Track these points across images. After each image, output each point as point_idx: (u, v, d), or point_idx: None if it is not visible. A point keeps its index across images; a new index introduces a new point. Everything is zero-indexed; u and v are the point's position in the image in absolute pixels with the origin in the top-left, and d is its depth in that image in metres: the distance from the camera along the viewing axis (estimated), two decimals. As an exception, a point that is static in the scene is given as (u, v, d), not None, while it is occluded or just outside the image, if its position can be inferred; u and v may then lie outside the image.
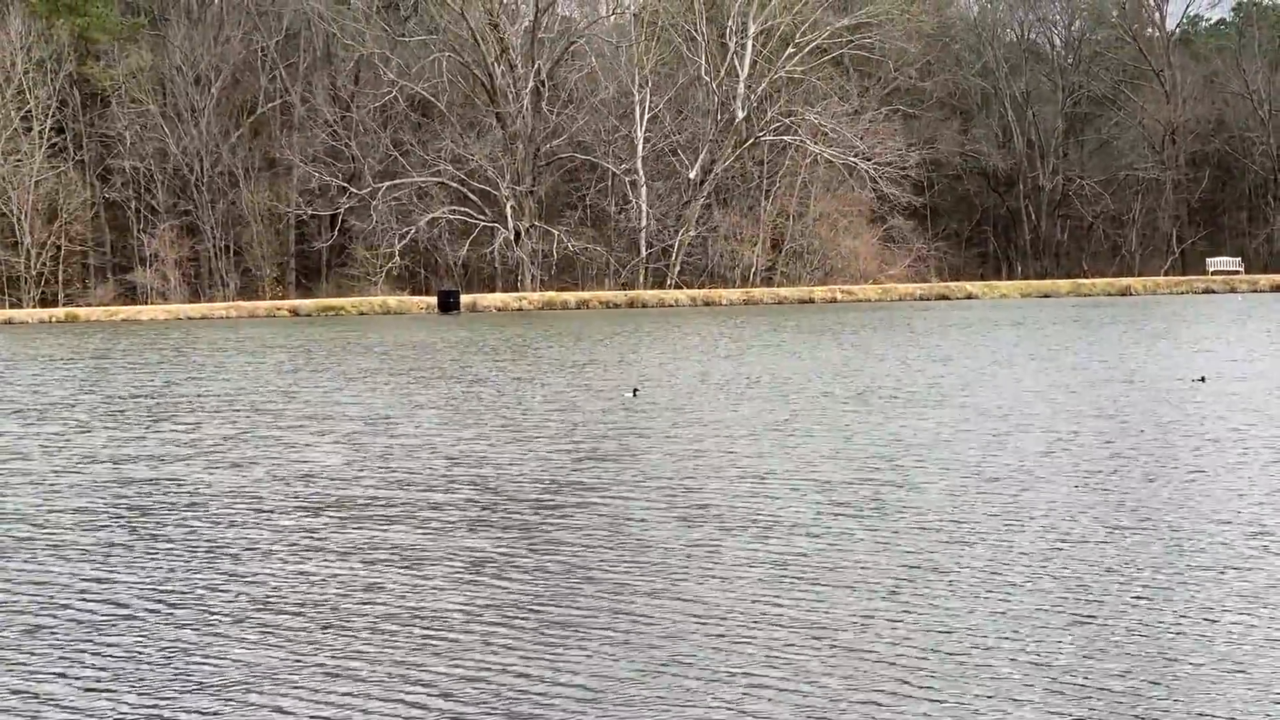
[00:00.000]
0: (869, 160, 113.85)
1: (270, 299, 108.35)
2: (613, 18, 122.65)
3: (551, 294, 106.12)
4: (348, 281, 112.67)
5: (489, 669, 12.12)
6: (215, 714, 11.09)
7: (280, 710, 11.19)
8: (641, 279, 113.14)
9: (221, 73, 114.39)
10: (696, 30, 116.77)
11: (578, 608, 14.03)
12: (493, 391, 37.24)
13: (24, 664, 12.58)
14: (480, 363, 48.25)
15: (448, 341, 61.96)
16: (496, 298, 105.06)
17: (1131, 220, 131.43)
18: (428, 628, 13.45)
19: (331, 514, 19.50)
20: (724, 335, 63.39)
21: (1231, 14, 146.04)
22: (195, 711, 11.18)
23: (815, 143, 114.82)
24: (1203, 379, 35.40)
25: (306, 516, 19.34)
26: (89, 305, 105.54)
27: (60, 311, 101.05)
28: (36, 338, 75.81)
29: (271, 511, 19.81)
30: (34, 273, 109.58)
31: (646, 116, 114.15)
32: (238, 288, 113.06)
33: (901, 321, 73.82)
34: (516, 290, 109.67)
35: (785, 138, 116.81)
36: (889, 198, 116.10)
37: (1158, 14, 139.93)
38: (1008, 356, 46.02)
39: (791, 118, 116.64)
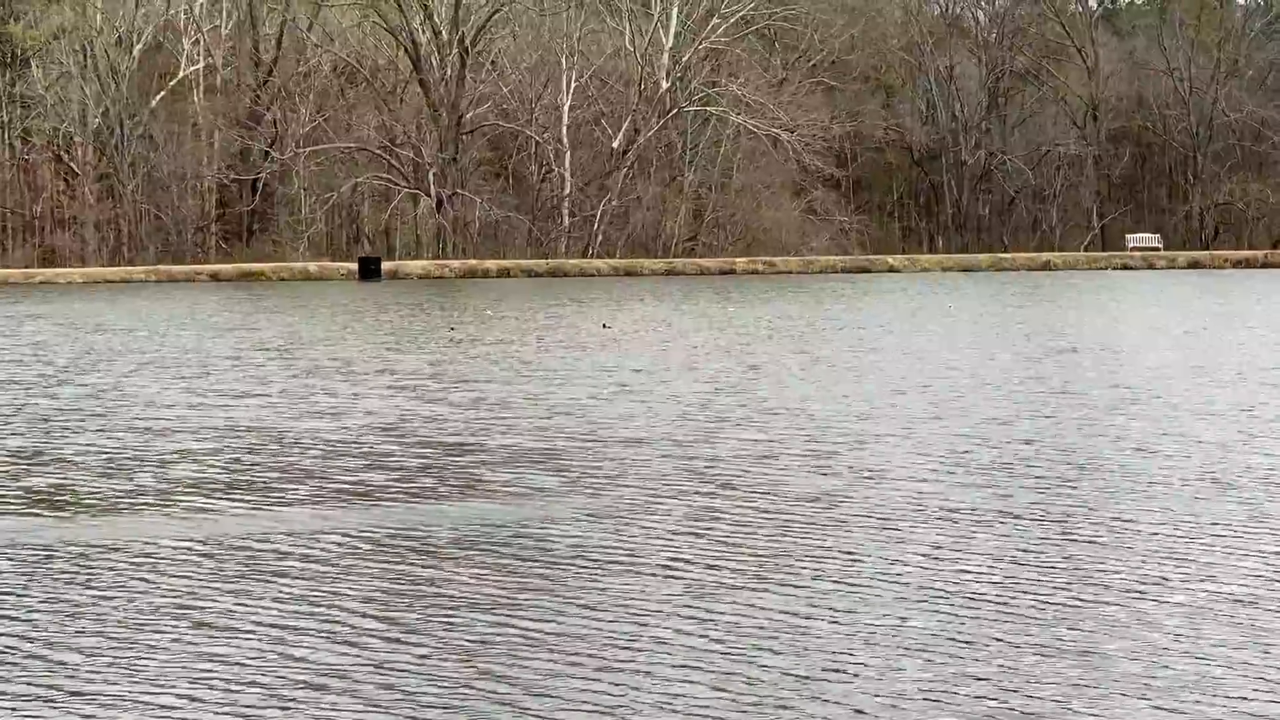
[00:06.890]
0: (792, 132, 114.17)
1: (190, 263, 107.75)
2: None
3: (473, 262, 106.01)
4: (268, 247, 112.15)
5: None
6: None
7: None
8: (563, 248, 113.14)
9: (143, 35, 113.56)
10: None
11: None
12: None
13: None
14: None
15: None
16: (419, 265, 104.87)
17: (1053, 196, 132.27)
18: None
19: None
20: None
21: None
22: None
23: (738, 114, 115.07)
24: None
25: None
26: (6, 268, 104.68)
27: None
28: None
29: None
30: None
31: (572, 86, 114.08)
32: (158, 251, 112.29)
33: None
34: (438, 258, 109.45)
35: (709, 109, 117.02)
36: (811, 169, 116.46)
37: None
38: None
39: (715, 89, 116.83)
